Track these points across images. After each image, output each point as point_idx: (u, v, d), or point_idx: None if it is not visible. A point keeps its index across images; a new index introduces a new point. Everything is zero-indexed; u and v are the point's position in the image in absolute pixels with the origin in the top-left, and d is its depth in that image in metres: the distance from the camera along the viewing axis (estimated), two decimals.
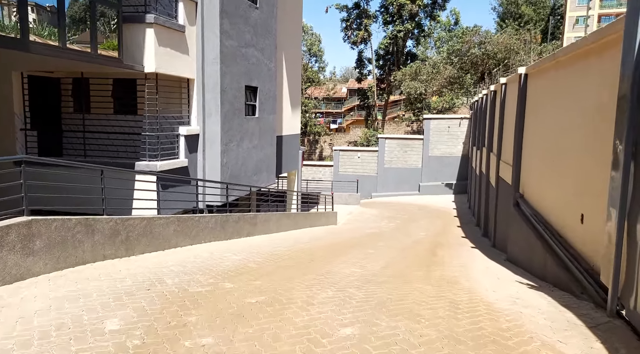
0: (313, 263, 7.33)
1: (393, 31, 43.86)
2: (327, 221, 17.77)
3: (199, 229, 8.66)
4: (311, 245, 9.97)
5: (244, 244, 9.10)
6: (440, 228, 18.49)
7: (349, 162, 33.69)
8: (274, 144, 14.97)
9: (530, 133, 9.49)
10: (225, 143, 11.95)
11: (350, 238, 12.66)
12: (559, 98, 7.17)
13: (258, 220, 11.23)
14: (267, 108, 14.42)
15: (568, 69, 6.82)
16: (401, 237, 14.59)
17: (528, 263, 7.88)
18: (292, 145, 18.64)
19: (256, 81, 13.55)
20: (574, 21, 60.12)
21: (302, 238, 11.44)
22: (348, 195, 26.38)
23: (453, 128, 31.90)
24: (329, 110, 67.49)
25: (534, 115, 9.22)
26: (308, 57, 57.71)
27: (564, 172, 6.63)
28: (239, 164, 12.67)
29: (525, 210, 8.85)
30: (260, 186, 14.00)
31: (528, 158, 9.55)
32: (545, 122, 8.09)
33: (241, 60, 12.60)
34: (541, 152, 8.23)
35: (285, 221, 13.19)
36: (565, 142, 6.66)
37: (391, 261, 8.16)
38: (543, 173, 7.96)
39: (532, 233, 7.76)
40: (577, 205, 5.94)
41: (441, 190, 31.24)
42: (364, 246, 10.66)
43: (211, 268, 6.29)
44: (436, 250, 11.20)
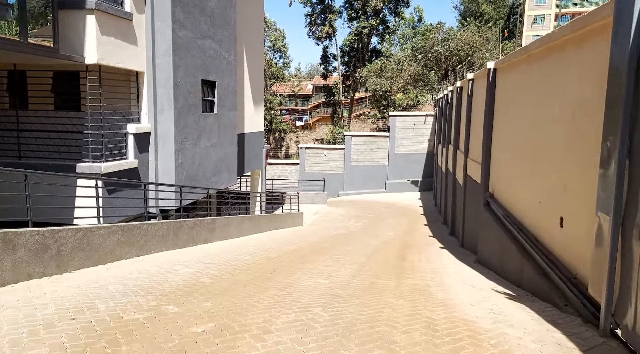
0: (275, 274, 6.66)
1: (358, 27, 43.55)
2: (293, 222, 17.11)
3: (148, 238, 7.80)
4: (274, 251, 9.29)
5: (200, 253, 8.31)
6: (408, 227, 18.21)
7: (315, 160, 33.12)
8: (235, 142, 14.15)
9: (500, 130, 9.17)
10: (180, 142, 11.06)
11: (317, 241, 12.06)
12: (533, 93, 6.81)
13: (217, 225, 10.43)
14: (227, 104, 13.58)
15: (542, 62, 6.46)
16: (369, 238, 14.13)
17: (501, 266, 7.52)
18: (256, 143, 17.84)
19: (214, 75, 12.69)
20: (532, 20, 61.96)
21: (266, 243, 10.73)
22: (315, 194, 25.81)
23: (418, 126, 31.91)
24: (295, 107, 66.74)
25: (504, 111, 8.89)
26: (272, 52, 56.62)
27: (540, 171, 6.26)
28: (196, 164, 11.80)
29: (496, 211, 8.51)
30: (221, 188, 13.17)
31: (498, 156, 9.24)
32: (517, 118, 7.74)
33: (197, 52, 11.71)
34: (513, 150, 7.89)
35: (247, 224, 12.43)
36: (540, 140, 6.29)
37: (360, 269, 7.61)
38: (515, 172, 7.61)
39: (505, 235, 7.39)
40: (555, 207, 5.56)
41: (407, 187, 31.20)
42: (330, 250, 10.08)
43: (156, 285, 5.51)
44: (405, 253, 10.77)
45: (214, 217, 10.38)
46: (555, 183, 5.61)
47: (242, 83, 16.23)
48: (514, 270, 6.63)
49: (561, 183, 5.41)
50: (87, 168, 9.06)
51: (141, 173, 10.43)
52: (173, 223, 8.59)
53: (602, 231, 3.79)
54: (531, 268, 5.84)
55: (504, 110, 8.91)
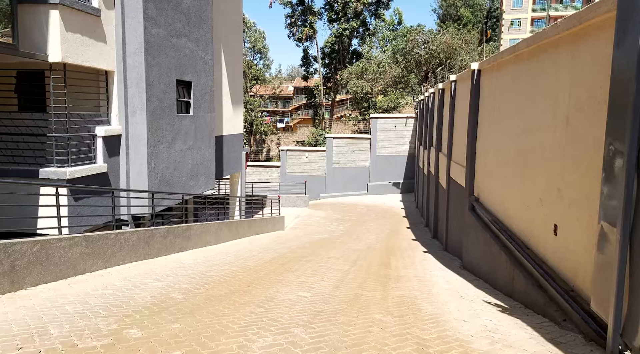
0: (253, 287, 6.22)
1: (338, 29, 43.36)
2: (273, 227, 16.64)
3: (116, 249, 7.25)
4: (253, 259, 8.83)
5: (173, 264, 7.79)
6: (391, 230, 17.95)
7: (296, 162, 32.69)
8: (212, 145, 13.62)
9: (485, 133, 8.94)
10: (153, 145, 10.50)
11: (298, 247, 11.64)
12: (522, 95, 6.56)
13: (192, 232, 9.91)
14: (204, 105, 13.05)
15: (532, 62, 6.21)
16: (352, 243, 13.78)
17: (490, 274, 7.25)
18: (234, 145, 17.31)
19: (190, 75, 12.16)
20: (510, 24, 63.00)
21: (244, 250, 10.26)
22: (296, 197, 25.37)
23: (399, 128, 31.83)
24: (276, 108, 66.19)
25: (489, 114, 8.66)
26: (252, 54, 55.99)
27: (530, 176, 6.00)
28: (170, 168, 11.24)
29: (483, 216, 8.25)
30: (198, 193, 12.63)
31: (484, 159, 9.00)
32: (504, 121, 7.50)
33: (171, 51, 11.17)
34: (500, 154, 7.65)
35: (225, 231, 11.92)
36: (531, 143, 6.03)
37: (343, 278, 7.22)
38: (503, 176, 7.36)
39: (494, 242, 7.12)
40: (548, 214, 5.29)
41: (389, 189, 31.06)
42: (312, 257, 9.68)
43: (121, 304, 5.01)
44: (390, 259, 10.45)
45: (189, 224, 9.85)
46: (547, 188, 5.34)
47: (220, 84, 15.71)
48: (505, 279, 6.35)
49: (554, 188, 5.14)
50: (52, 173, 8.44)
51: (111, 178, 9.83)
52: (144, 232, 8.05)
53: (606, 242, 3.50)
54: (523, 278, 5.56)
55: (489, 113, 8.68)
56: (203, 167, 13.04)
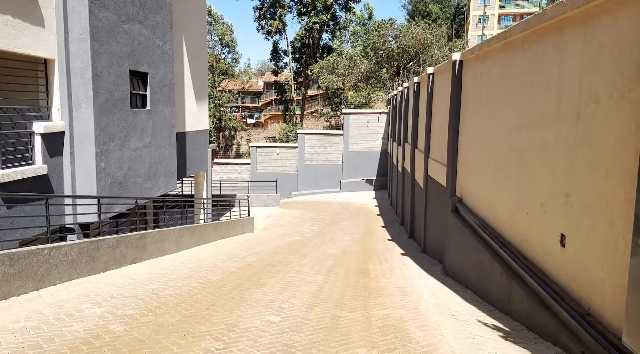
0: (213, 310, 5.30)
1: (308, 23, 42.39)
2: (242, 229, 15.64)
3: (51, 265, 6.17)
4: (217, 271, 7.88)
5: (122, 280, 6.76)
6: (365, 230, 17.29)
7: (267, 159, 31.64)
8: (173, 142, 12.50)
9: (469, 129, 8.29)
10: (103, 143, 9.34)
11: (268, 254, 10.73)
12: (515, 86, 5.88)
13: (148, 241, 8.85)
14: (163, 99, 11.91)
15: (528, 49, 5.53)
16: (326, 245, 12.99)
17: (480, 285, 6.58)
18: (199, 142, 16.17)
19: (146, 65, 11.00)
20: (477, 20, 63.63)
21: (208, 259, 9.28)
22: (267, 196, 24.38)
23: (372, 124, 31.27)
24: (246, 104, 64.74)
25: (474, 108, 8.00)
26: (220, 47, 54.23)
27: (527, 177, 5.32)
28: (124, 169, 10.10)
29: (468, 218, 7.60)
30: (157, 195, 11.50)
31: (468, 158, 8.36)
32: (492, 116, 6.83)
33: (123, 38, 10.00)
34: (488, 152, 6.99)
35: (187, 237, 10.88)
36: (528, 141, 5.35)
37: (318, 293, 6.40)
38: (492, 176, 6.70)
39: (483, 248, 6.46)
40: (553, 222, 4.62)
41: (362, 186, 30.49)
42: (284, 266, 8.81)
43: (42, 343, 4.01)
44: (367, 264, 9.71)
45: (144, 232, 8.78)
46: (551, 192, 4.67)
47: (182, 77, 14.54)
48: (499, 292, 5.68)
49: (560, 193, 4.47)
50: None
51: (53, 181, 8.64)
52: (88, 244, 6.96)
53: None
54: (524, 294, 4.88)
55: (473, 108, 8.02)
56: (163, 166, 11.92)
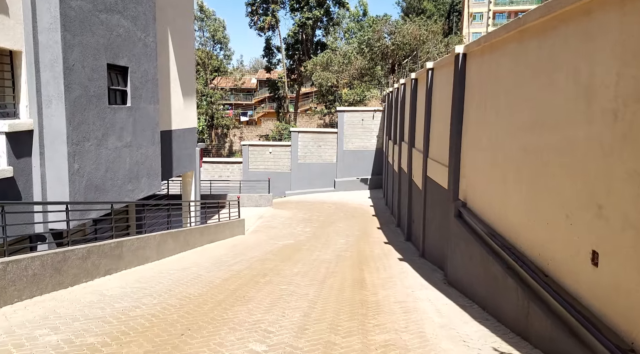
0: (188, 336, 4.61)
1: (301, 18, 41.60)
2: (232, 232, 14.93)
3: (7, 282, 5.45)
4: (198, 283, 7.18)
5: (91, 297, 6.05)
6: (361, 232, 16.64)
7: (260, 158, 30.90)
8: (157, 141, 11.76)
9: (475, 128, 7.64)
10: (77, 143, 8.60)
11: (258, 261, 10.05)
12: (530, 80, 5.23)
13: (125, 249, 8.12)
14: (145, 95, 11.16)
15: (547, 38, 4.87)
16: (319, 250, 12.33)
17: (490, 300, 5.94)
18: (187, 141, 15.43)
19: (126, 59, 10.25)
20: (472, 17, 63.18)
21: (191, 269, 8.57)
22: (259, 196, 23.65)
23: (367, 121, 30.62)
24: (239, 101, 63.93)
25: (479, 104, 7.36)
26: (212, 44, 53.31)
27: (547, 183, 4.68)
28: (101, 170, 9.36)
29: (475, 226, 6.95)
30: (138, 198, 10.77)
31: (472, 158, 7.71)
32: (501, 113, 6.19)
33: (100, 29, 9.24)
34: (497, 153, 6.34)
35: (171, 242, 10.16)
36: (549, 140, 4.71)
37: (310, 311, 5.73)
38: (502, 180, 6.06)
39: (494, 261, 5.82)
40: (582, 237, 3.98)
41: (356, 185, 29.86)
42: (274, 276, 8.13)
43: None
44: (363, 272, 9.06)
45: (120, 239, 8.05)
46: (580, 202, 4.03)
47: (167, 72, 13.79)
48: (514, 312, 5.04)
49: (591, 203, 3.83)
50: None
51: (20, 184, 7.89)
52: (52, 256, 6.23)
53: None
54: (545, 318, 4.24)
55: (479, 104, 7.37)
56: (145, 167, 11.18)
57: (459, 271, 7.67)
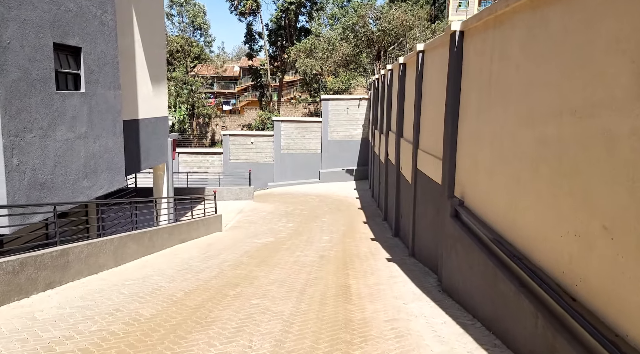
0: None
1: (284, 3, 40.08)
2: (207, 229, 13.85)
3: None
4: (155, 300, 6.13)
5: (16, 323, 4.95)
6: (346, 227, 15.72)
7: (241, 148, 29.68)
8: (119, 131, 10.55)
9: (474, 115, 6.68)
10: (16, 134, 7.39)
11: (231, 265, 9.02)
12: (556, 56, 4.26)
13: (72, 258, 7.00)
14: (104, 80, 9.93)
15: (575, 2, 3.90)
16: (302, 249, 11.35)
17: (498, 323, 5.02)
18: (157, 131, 14.21)
19: (78, 38, 9.00)
20: (457, 4, 62.21)
21: (151, 278, 7.50)
22: (239, 189, 22.52)
23: (352, 110, 29.60)
24: (221, 90, 62.23)
25: (481, 89, 6.39)
26: (192, 30, 51.34)
27: (573, 184, 3.74)
28: (49, 165, 8.17)
29: (477, 230, 6.03)
30: (97, 195, 9.60)
31: (472, 150, 6.77)
32: (512, 97, 5.23)
33: (42, 3, 7.97)
34: (504, 144, 5.39)
35: (132, 246, 9.04)
36: (583, 133, 3.75)
37: (284, 340, 4.75)
38: (511, 177, 5.12)
39: (503, 275, 4.89)
40: (628, 256, 3.05)
41: (342, 176, 28.91)
42: (246, 286, 7.12)
43: None
44: (349, 278, 8.11)
45: (65, 247, 6.92)
46: (625, 210, 3.09)
47: (132, 56, 12.51)
48: (532, 341, 4.12)
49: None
50: None
51: None
52: None
53: None
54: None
55: (481, 89, 6.41)
56: (105, 160, 10.00)
57: (456, 279, 6.77)
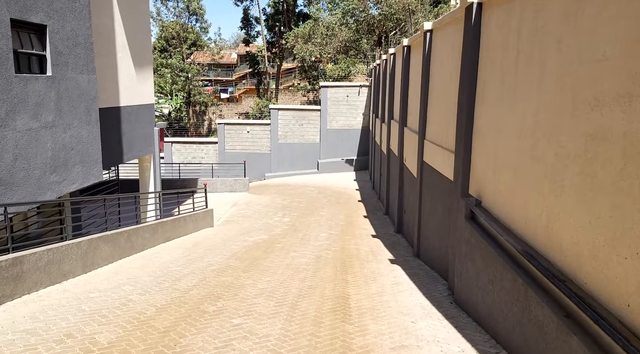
0: None
1: None
2: (196, 225, 12.92)
3: None
4: (119, 320, 5.20)
5: None
6: (345, 222, 14.80)
7: (237, 137, 28.63)
8: (94, 120, 9.55)
9: (497, 102, 5.67)
10: None
11: (215, 271, 8.09)
12: (626, 17, 3.26)
13: (28, 267, 6.06)
14: (74, 62, 8.89)
15: None
16: (296, 248, 10.44)
17: (530, 353, 4.10)
18: (141, 119, 13.19)
19: (42, 15, 7.94)
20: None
21: (121, 288, 6.55)
22: (234, 180, 21.54)
23: (352, 98, 28.49)
24: (219, 77, 60.95)
25: (506, 70, 5.38)
26: (187, 15, 49.85)
27: None
28: (7, 159, 7.19)
29: (502, 239, 5.07)
30: (66, 191, 8.63)
31: (493, 144, 5.78)
32: (552, 80, 4.23)
33: None
34: (542, 139, 4.41)
35: (105, 249, 8.09)
36: None
37: None
38: (554, 180, 4.14)
39: (539, 299, 3.94)
40: None
41: (341, 167, 27.92)
42: (228, 299, 6.20)
43: None
44: (347, 286, 7.19)
45: (19, 254, 5.97)
46: None
47: (112, 37, 11.42)
48: None
49: None
50: None
51: None
52: None
53: None
54: None
55: (506, 71, 5.40)
56: (77, 152, 9.01)
57: (472, 292, 5.84)
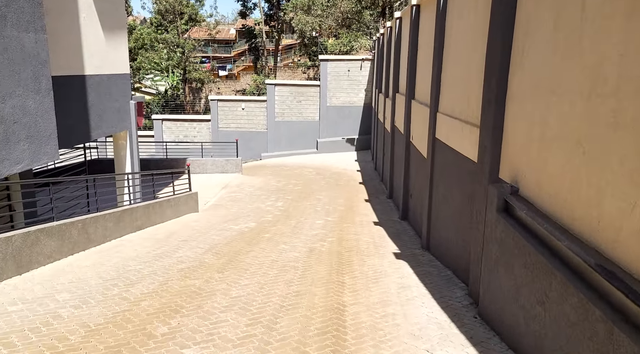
0: None
1: None
2: (176, 211, 11.51)
3: None
4: (32, 348, 3.83)
5: None
6: (345, 207, 13.41)
7: (231, 115, 27.03)
8: (46, 88, 8.01)
9: (545, 55, 4.13)
10: None
11: (184, 270, 6.70)
12: None
13: None
14: (14, 18, 7.31)
15: None
16: (287, 239, 9.05)
17: None
18: (114, 91, 11.62)
19: None
20: None
21: (52, 299, 5.14)
22: (225, 161, 20.06)
23: (354, 72, 26.73)
24: (217, 54, 58.80)
25: (562, 13, 3.83)
26: None
27: None
28: None
29: (558, 243, 3.63)
30: (8, 173, 7.18)
31: (536, 111, 4.26)
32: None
33: None
34: (627, 92, 2.90)
35: (50, 244, 6.65)
36: None
37: None
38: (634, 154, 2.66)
39: (626, 337, 2.52)
40: None
41: (342, 146, 26.39)
42: (188, 316, 4.81)
43: None
44: (343, 292, 5.80)
45: None
46: None
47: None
48: None
49: None
50: None
51: None
52: None
53: None
54: None
55: (559, 9, 3.85)
56: (22, 125, 7.52)
57: (509, 311, 4.43)
